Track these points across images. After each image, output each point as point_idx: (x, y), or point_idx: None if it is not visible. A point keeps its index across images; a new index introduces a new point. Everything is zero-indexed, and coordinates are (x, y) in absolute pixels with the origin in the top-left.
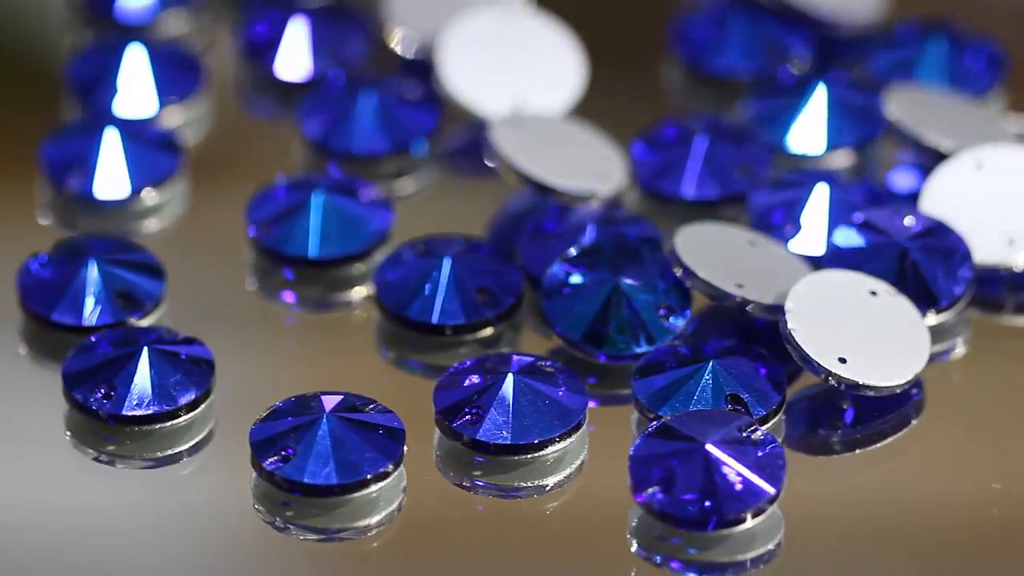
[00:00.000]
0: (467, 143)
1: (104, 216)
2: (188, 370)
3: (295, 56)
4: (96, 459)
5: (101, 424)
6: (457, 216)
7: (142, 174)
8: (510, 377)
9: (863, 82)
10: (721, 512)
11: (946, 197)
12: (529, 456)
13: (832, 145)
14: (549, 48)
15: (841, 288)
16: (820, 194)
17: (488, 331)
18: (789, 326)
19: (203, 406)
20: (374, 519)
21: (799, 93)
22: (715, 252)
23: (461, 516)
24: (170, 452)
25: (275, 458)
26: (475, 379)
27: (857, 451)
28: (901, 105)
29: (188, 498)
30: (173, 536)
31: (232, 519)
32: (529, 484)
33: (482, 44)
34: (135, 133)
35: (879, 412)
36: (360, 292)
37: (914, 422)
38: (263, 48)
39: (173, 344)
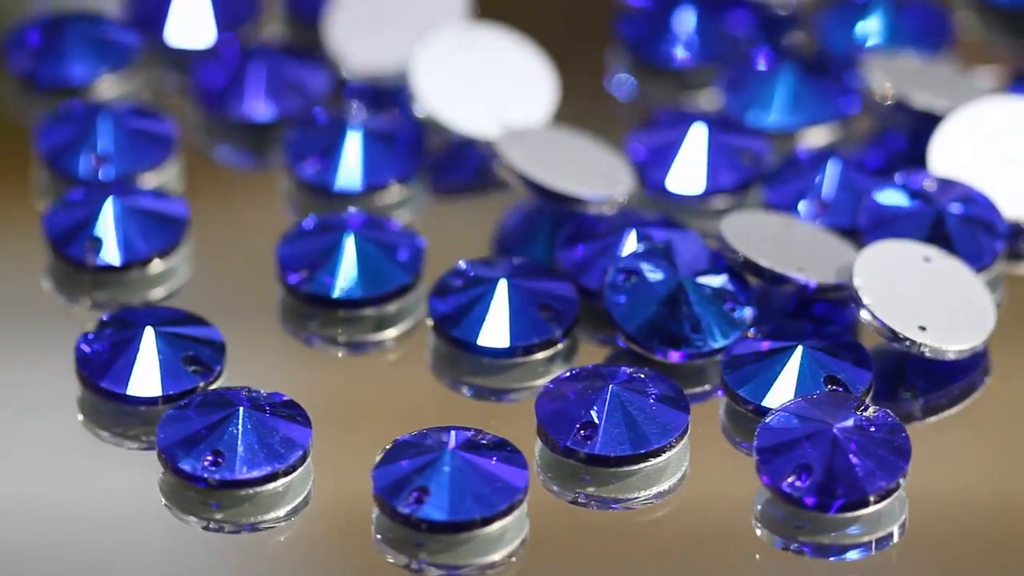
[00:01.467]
0: (450, 163)
1: (114, 283)
2: (288, 427)
3: (254, 98)
4: (205, 527)
5: (206, 491)
6: (460, 237)
7: (150, 241)
8: (611, 388)
9: (823, 60)
10: (856, 493)
11: (952, 157)
12: (642, 465)
13: (801, 124)
14: (515, 60)
15: (898, 258)
16: (832, 170)
17: (559, 347)
18: (865, 301)
19: (307, 461)
20: (503, 551)
21: (768, 77)
22: (761, 239)
23: (583, 530)
24: (275, 513)
25: (409, 500)
26: (575, 394)
27: (942, 415)
28: (884, 72)
29: (309, 552)
30: None
31: (362, 568)
32: (646, 492)
33: (452, 63)
34: (136, 202)
35: (948, 374)
36: (397, 328)
37: (987, 380)
38: (219, 94)
39: (268, 404)
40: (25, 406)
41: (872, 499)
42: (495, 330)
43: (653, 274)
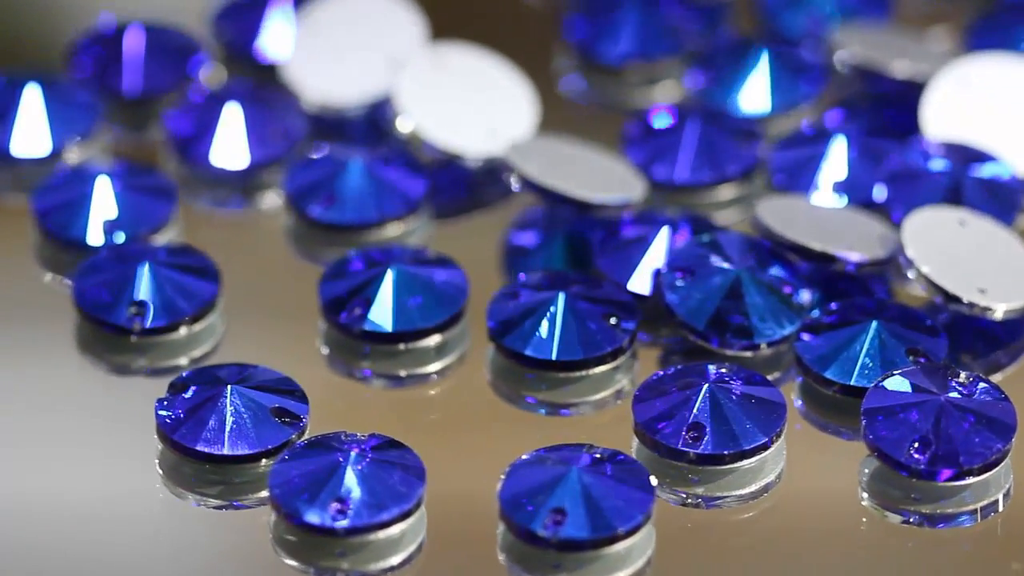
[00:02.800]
0: (446, 184)
1: (156, 345)
2: (401, 466)
3: (232, 145)
4: None
5: (335, 539)
6: (471, 255)
7: (190, 300)
8: (705, 387)
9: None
10: (971, 460)
11: (946, 121)
12: (750, 460)
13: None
14: (491, 75)
15: (937, 224)
16: (839, 148)
17: (626, 356)
18: (924, 271)
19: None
20: (640, 561)
21: (743, 59)
22: (797, 222)
23: (701, 530)
24: (401, 554)
25: (547, 522)
26: (672, 396)
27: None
28: (856, 43)
29: None
30: None
31: None
32: (753, 485)
33: (431, 85)
34: (169, 263)
35: (1002, 335)
36: (451, 355)
37: None
38: (191, 142)
39: (371, 446)
40: (104, 477)
41: (982, 467)
42: (567, 344)
43: (710, 269)
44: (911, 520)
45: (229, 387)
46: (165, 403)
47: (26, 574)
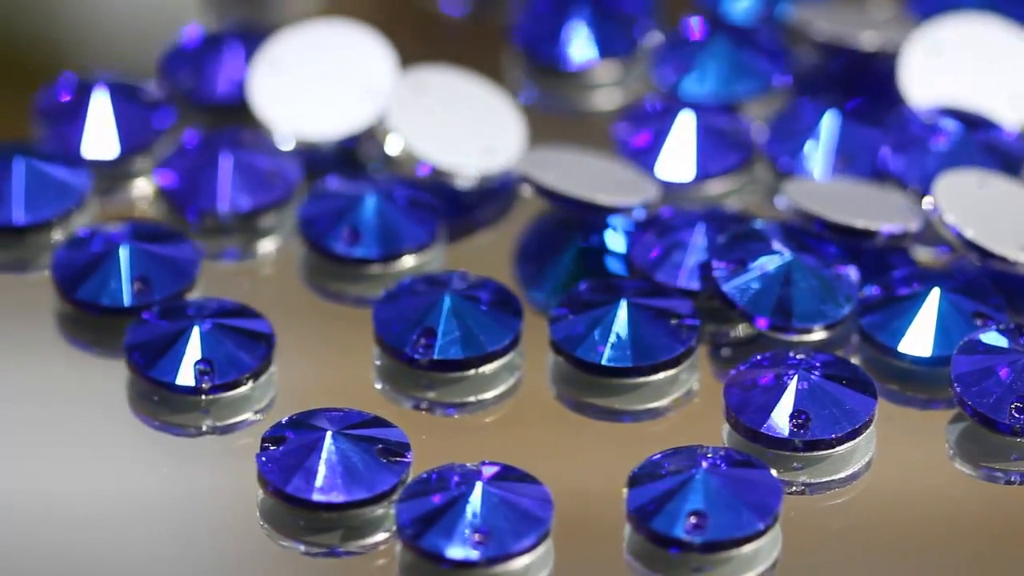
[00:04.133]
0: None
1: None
2: (529, 491)
3: (225, 193)
4: None
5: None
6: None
7: (252, 354)
8: (796, 376)
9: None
10: None
11: (928, 87)
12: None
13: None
14: (473, 93)
15: (960, 189)
16: (830, 124)
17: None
18: (967, 235)
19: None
20: (773, 554)
21: (700, 46)
22: (829, 203)
23: (808, 515)
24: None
25: (687, 527)
26: (766, 384)
27: None
28: (818, 19)
29: None
30: None
31: None
32: (856, 465)
33: (417, 108)
34: (224, 322)
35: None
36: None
37: None
38: (181, 194)
39: (493, 474)
40: (209, 532)
41: None
42: (641, 349)
43: (761, 258)
44: (1013, 480)
45: (329, 434)
46: (266, 458)
47: None
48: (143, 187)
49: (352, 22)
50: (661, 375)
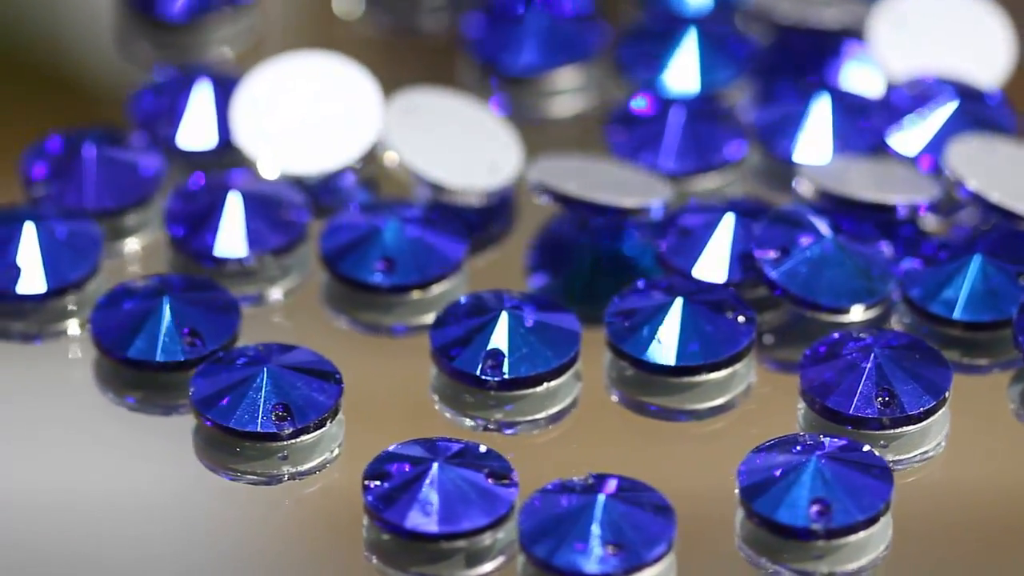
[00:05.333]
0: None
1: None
2: (651, 507)
3: (231, 237)
4: None
5: None
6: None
7: (328, 394)
8: (873, 355)
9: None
10: None
11: (897, 60)
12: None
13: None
14: (464, 111)
15: (971, 155)
16: (822, 106)
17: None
18: (995, 199)
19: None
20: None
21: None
22: (850, 181)
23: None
24: None
25: (811, 514)
26: (842, 364)
27: None
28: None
29: None
30: None
31: None
32: (937, 437)
33: (412, 129)
34: (287, 366)
35: None
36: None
37: None
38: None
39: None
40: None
41: None
42: (710, 345)
43: (804, 242)
44: None
45: (435, 464)
46: (374, 496)
47: None
48: (144, 238)
49: (328, 53)
50: (728, 370)
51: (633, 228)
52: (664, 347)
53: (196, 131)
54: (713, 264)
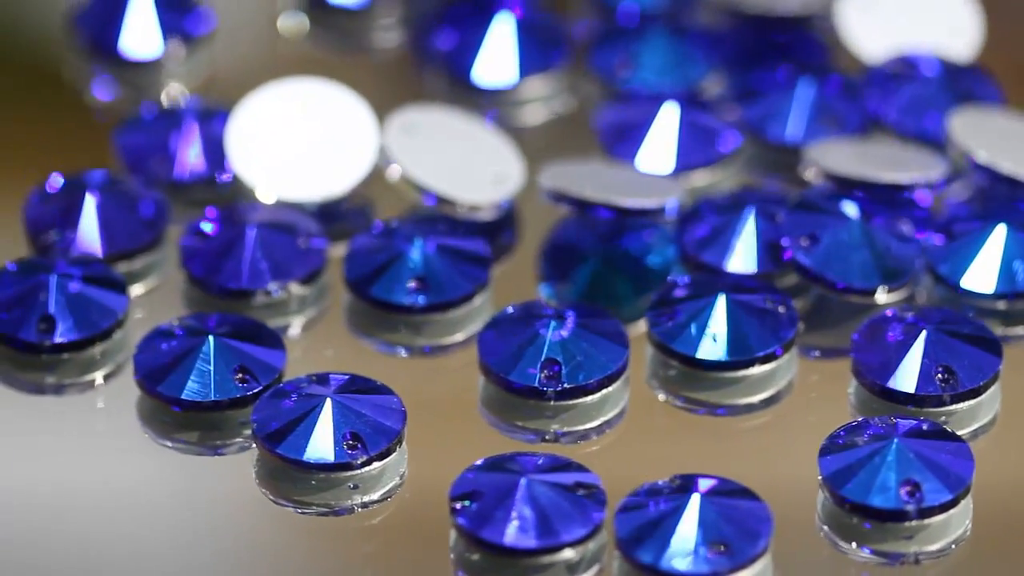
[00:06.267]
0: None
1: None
2: (749, 509)
3: (245, 267)
4: None
5: None
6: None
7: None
8: (924, 333)
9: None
10: None
11: (870, 41)
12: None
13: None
14: (460, 126)
15: (970, 126)
16: (804, 92)
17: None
18: (1006, 168)
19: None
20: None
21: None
22: (860, 163)
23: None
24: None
25: (902, 495)
26: (897, 343)
27: None
28: None
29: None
30: None
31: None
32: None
33: (411, 147)
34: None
35: None
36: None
37: None
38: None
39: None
40: None
41: None
42: (759, 338)
43: (833, 227)
44: None
45: (523, 479)
46: (468, 516)
47: None
48: (155, 279)
49: (319, 79)
50: (777, 361)
51: (648, 228)
52: (718, 343)
53: (188, 164)
54: (741, 256)
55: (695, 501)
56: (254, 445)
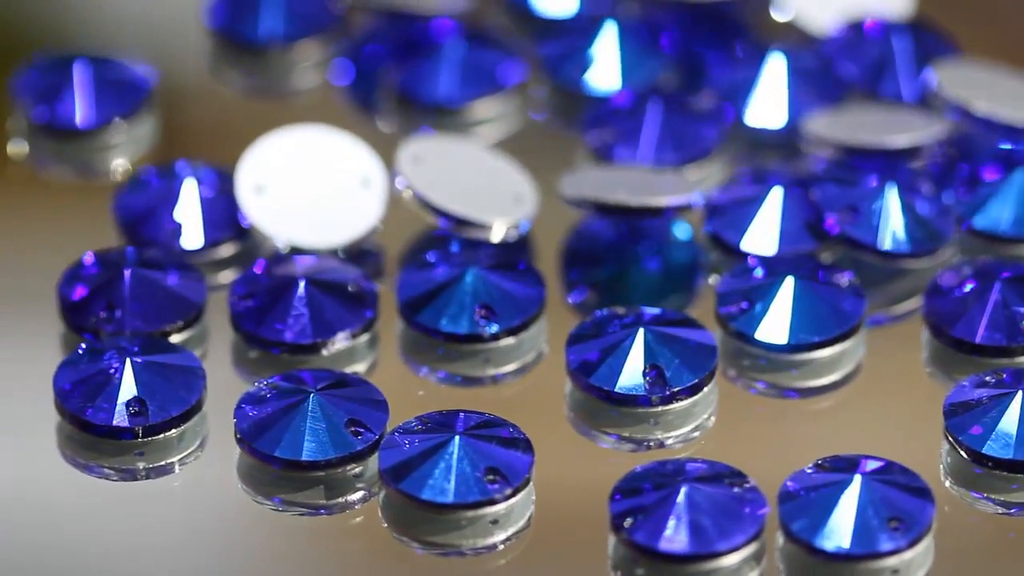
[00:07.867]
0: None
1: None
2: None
3: (305, 321)
4: None
5: None
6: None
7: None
8: (1001, 282)
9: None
10: None
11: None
12: None
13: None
14: (465, 150)
15: (956, 82)
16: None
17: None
18: (1007, 118)
19: None
20: None
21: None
22: (866, 129)
23: None
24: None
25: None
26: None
27: None
28: None
29: None
30: None
31: None
32: None
33: (424, 175)
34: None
35: None
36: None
37: None
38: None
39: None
40: None
41: None
42: (838, 318)
43: (871, 198)
44: None
45: (684, 486)
46: (632, 530)
47: None
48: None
49: (318, 126)
50: (852, 339)
51: (667, 222)
52: (797, 330)
53: (194, 231)
54: (774, 235)
55: (858, 481)
56: (378, 494)
